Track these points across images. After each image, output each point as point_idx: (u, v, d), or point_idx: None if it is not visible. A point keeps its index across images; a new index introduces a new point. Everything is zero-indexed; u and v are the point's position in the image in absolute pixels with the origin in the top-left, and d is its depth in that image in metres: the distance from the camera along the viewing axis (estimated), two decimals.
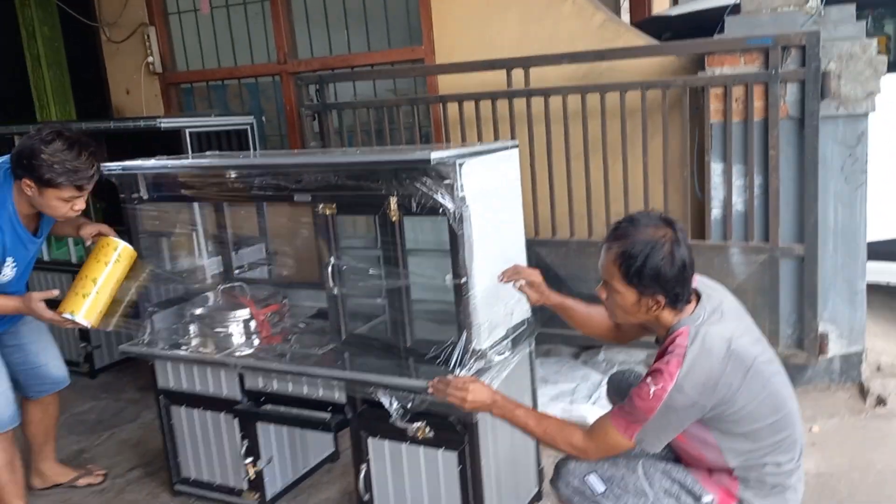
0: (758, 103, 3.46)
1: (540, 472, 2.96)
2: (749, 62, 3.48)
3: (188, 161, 3.02)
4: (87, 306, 2.69)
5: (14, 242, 2.79)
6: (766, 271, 3.54)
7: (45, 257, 4.70)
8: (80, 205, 2.74)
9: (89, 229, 2.97)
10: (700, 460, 2.05)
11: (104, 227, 2.97)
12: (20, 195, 2.73)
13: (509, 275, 2.49)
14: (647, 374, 1.93)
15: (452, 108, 4.16)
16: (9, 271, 2.82)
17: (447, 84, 4.46)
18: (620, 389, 2.51)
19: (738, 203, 3.58)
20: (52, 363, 3.22)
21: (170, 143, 4.09)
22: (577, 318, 2.49)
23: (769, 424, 1.94)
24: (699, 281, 2.07)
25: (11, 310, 2.81)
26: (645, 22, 5.93)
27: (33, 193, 2.66)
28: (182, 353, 2.93)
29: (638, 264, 1.91)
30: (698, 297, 2.02)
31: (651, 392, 1.87)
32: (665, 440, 1.96)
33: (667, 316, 1.99)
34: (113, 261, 2.74)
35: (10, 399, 2.93)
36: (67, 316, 2.68)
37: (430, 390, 2.30)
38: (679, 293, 1.93)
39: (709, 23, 4.09)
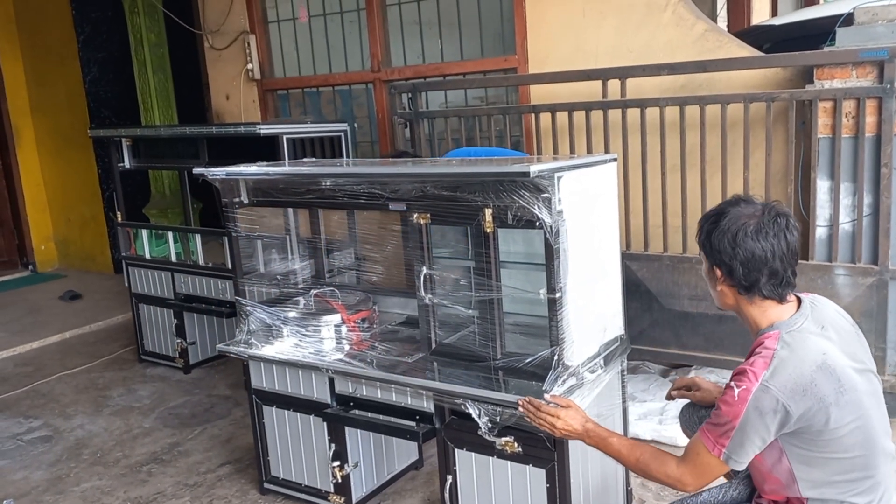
0: (870, 119, 3.29)
1: (628, 494, 2.89)
2: (861, 75, 3.32)
3: (290, 168, 3.10)
4: None
5: None
6: (873, 294, 3.37)
7: (147, 255, 4.91)
8: None
9: None
10: (776, 486, 1.93)
11: None
12: None
13: (680, 394, 2.43)
14: (732, 378, 1.83)
15: (545, 117, 4.12)
16: None
17: (539, 93, 4.43)
18: (691, 423, 2.41)
19: (845, 222, 3.42)
20: None
21: (267, 147, 4.21)
22: None
23: (852, 458, 1.81)
24: (812, 297, 1.96)
25: None
26: (744, 32, 5.74)
27: None
28: (275, 354, 2.99)
29: (706, 227, 1.90)
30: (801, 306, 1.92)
31: (736, 394, 1.76)
32: (751, 451, 1.82)
33: (749, 309, 1.90)
34: None
35: None
36: None
37: (519, 409, 2.27)
38: (744, 276, 1.85)
39: (815, 33, 3.94)
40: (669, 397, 2.48)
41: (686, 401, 2.46)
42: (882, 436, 1.87)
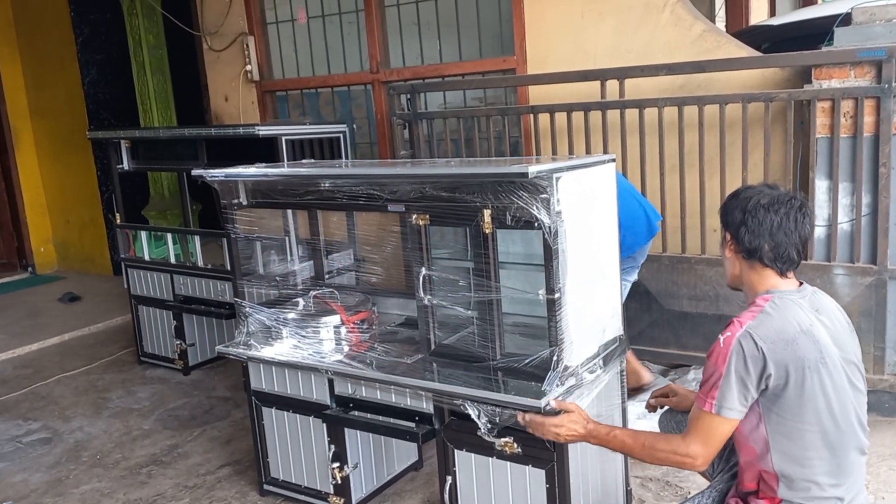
0: (868, 118, 3.30)
1: (628, 494, 2.89)
2: (860, 75, 3.32)
3: (289, 170, 3.10)
4: None
5: None
6: (872, 294, 3.37)
7: (146, 257, 4.90)
8: None
9: None
10: (751, 457, 1.96)
11: None
12: None
13: (658, 401, 2.48)
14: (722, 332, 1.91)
15: (543, 118, 4.13)
16: None
17: (538, 93, 4.43)
18: (669, 428, 2.44)
19: (843, 222, 3.42)
20: None
21: (266, 149, 4.21)
22: None
23: (825, 434, 1.84)
24: (816, 289, 2.01)
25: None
26: (743, 32, 5.75)
27: None
28: (275, 356, 2.99)
29: (727, 198, 2.03)
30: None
31: (721, 341, 1.86)
32: (737, 396, 1.84)
33: (750, 275, 1.98)
34: None
35: None
36: None
37: (521, 422, 2.28)
38: (749, 241, 1.93)
39: (814, 33, 3.94)
40: (649, 406, 2.52)
41: (666, 408, 2.49)
42: (857, 427, 1.91)
